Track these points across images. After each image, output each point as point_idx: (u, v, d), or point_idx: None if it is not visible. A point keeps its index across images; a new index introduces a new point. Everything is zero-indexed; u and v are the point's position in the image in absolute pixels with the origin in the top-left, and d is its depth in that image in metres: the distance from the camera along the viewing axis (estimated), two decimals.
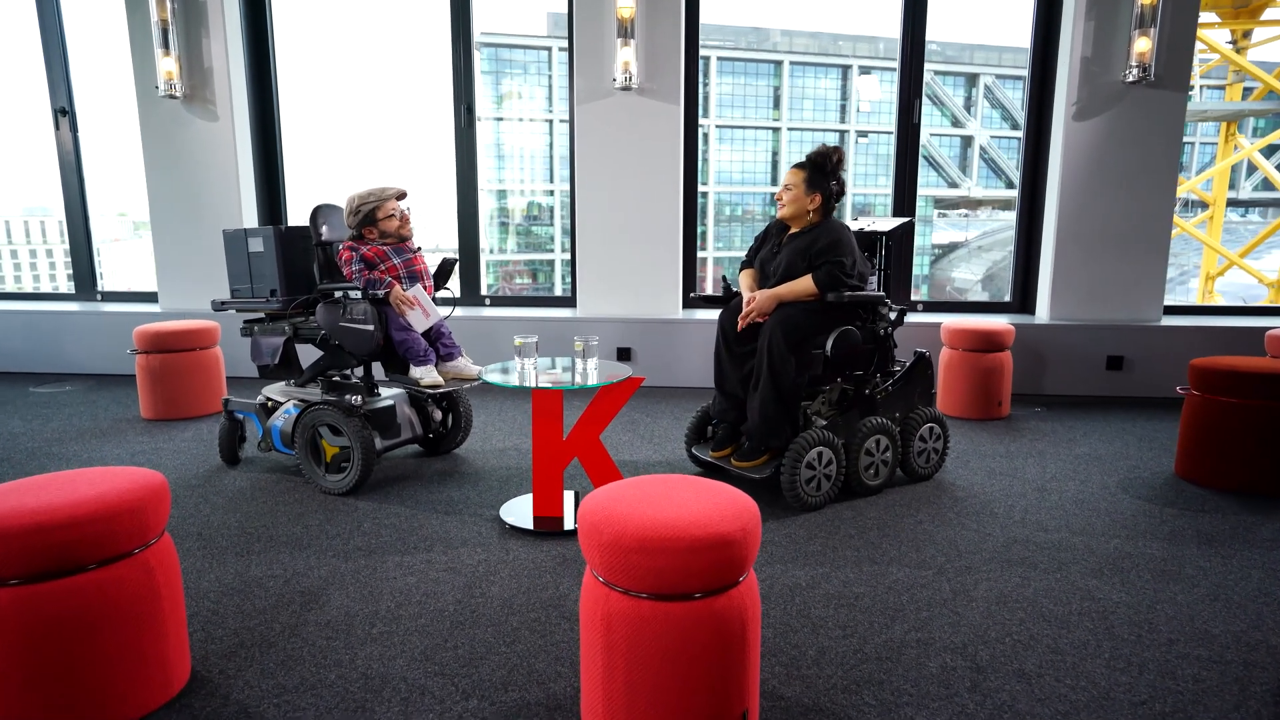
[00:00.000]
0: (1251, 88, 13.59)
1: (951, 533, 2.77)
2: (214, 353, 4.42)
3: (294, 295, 3.32)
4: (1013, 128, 24.75)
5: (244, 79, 5.34)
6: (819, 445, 2.95)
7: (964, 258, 23.97)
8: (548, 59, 23.50)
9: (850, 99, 23.21)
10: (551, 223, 22.15)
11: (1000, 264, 20.41)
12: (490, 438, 3.96)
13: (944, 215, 24.66)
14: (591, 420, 2.82)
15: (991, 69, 25.20)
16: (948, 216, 24.76)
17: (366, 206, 3.20)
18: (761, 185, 25.52)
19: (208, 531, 2.79)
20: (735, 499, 1.65)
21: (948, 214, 24.67)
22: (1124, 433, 4.04)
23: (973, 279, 23.65)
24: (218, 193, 5.29)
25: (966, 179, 24.94)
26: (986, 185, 25.05)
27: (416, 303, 3.17)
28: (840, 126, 25.82)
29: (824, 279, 2.98)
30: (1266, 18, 12.79)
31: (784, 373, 2.96)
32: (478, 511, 2.98)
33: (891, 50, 14.81)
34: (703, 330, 5.04)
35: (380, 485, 3.26)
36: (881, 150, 25.02)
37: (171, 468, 3.49)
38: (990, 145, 24.79)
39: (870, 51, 25.33)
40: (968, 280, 23.82)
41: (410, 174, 17.74)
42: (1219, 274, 13.23)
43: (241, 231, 3.34)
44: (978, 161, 25.33)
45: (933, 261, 22.59)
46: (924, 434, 3.27)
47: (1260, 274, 12.63)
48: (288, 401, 3.32)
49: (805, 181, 3.09)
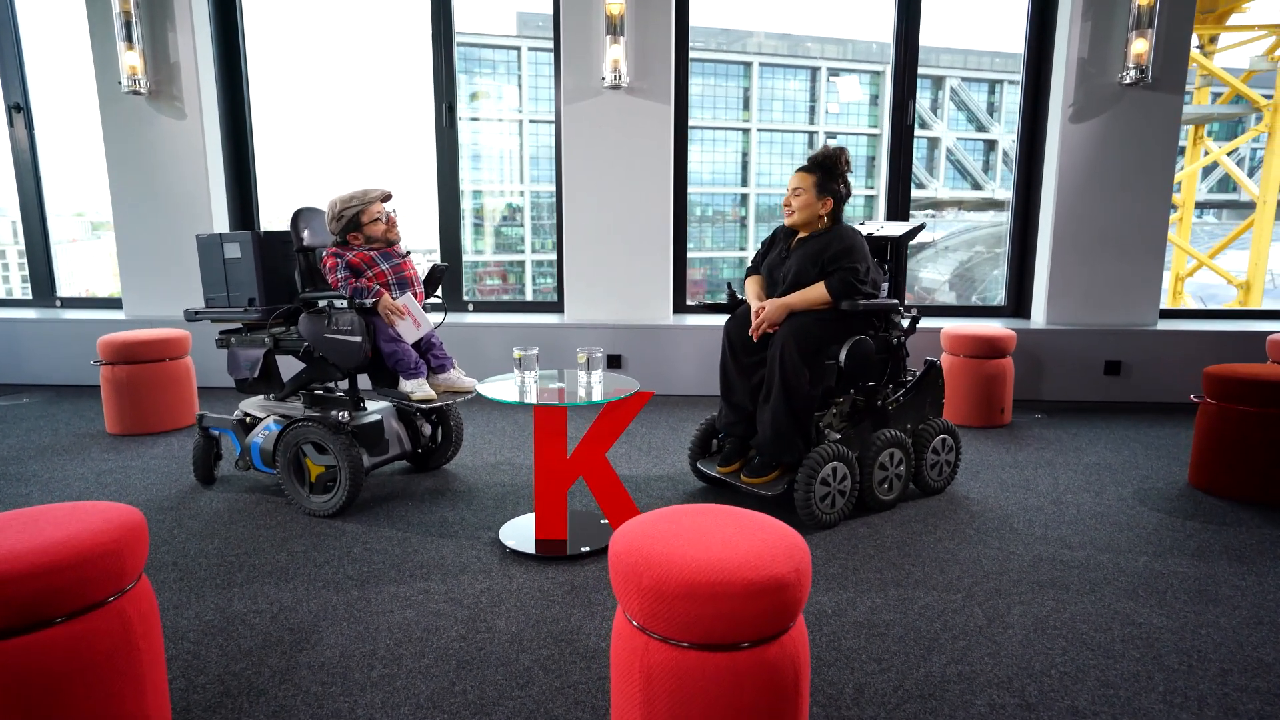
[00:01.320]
0: (1219, 92, 13.80)
1: (974, 551, 2.65)
2: (184, 363, 4.18)
3: (274, 304, 3.12)
4: (978, 130, 25.07)
5: (213, 75, 5.10)
6: (834, 460, 2.82)
7: (931, 258, 24.27)
8: (517, 59, 23.26)
9: (820, 101, 23.26)
10: (521, 224, 21.90)
11: (967, 264, 20.67)
12: (480, 452, 3.78)
13: (911, 215, 25.00)
14: (597, 437, 2.67)
15: (957, 71, 25.53)
16: (914, 217, 25.12)
17: (350, 210, 3.01)
18: (731, 186, 25.52)
19: (184, 561, 2.58)
20: (783, 535, 1.51)
21: (915, 214, 25.02)
22: (1129, 440, 3.98)
23: (940, 279, 24.00)
24: (186, 194, 5.04)
25: (933, 180, 25.21)
26: (953, 186, 25.37)
27: (406, 312, 2.99)
28: (809, 128, 25.96)
29: (837, 286, 2.86)
30: (1232, 23, 12.98)
31: (797, 384, 2.83)
32: (475, 534, 2.81)
33: (860, 52, 14.51)
34: (695, 337, 4.91)
35: (368, 506, 3.07)
36: (852, 152, 25.36)
37: (141, 488, 3.26)
38: (956, 147, 25.10)
39: (839, 53, 25.46)
40: (935, 280, 24.17)
41: (388, 175, 17.38)
42: (1188, 275, 13.41)
43: (216, 236, 3.14)
44: (944, 163, 25.64)
45: None
46: (936, 446, 3.16)
47: (1229, 275, 12.82)
48: (268, 417, 3.12)
49: (816, 186, 2.96)
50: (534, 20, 17.85)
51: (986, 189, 21.70)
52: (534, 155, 17.31)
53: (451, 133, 5.19)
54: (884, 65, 20.64)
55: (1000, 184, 20.67)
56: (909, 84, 5.01)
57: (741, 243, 20.47)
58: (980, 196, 22.40)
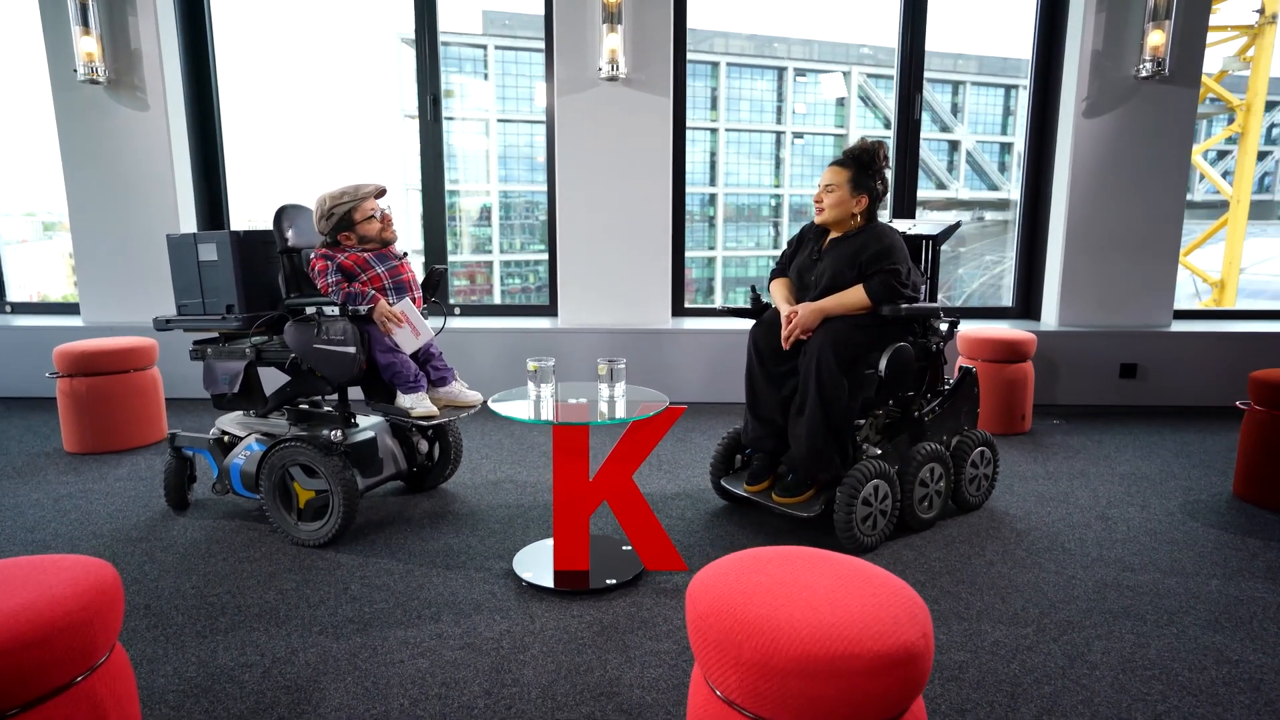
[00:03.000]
0: None
1: (1032, 576, 2.45)
2: (151, 374, 3.85)
3: (255, 312, 2.81)
4: (942, 130, 25.32)
5: (178, 63, 4.74)
6: (875, 478, 2.60)
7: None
8: (484, 58, 22.92)
9: (787, 101, 23.25)
10: (489, 224, 21.54)
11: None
12: (479, 468, 3.51)
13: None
14: (622, 457, 2.42)
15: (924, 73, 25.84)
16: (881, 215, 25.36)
17: (341, 208, 2.72)
18: (700, 186, 25.44)
19: (158, 604, 2.28)
20: (896, 589, 1.28)
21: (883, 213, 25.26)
22: (1157, 447, 3.82)
23: None
24: (150, 191, 4.68)
25: None
26: (920, 187, 25.69)
27: (405, 319, 2.71)
28: (777, 128, 26.01)
29: (878, 290, 2.64)
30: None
31: (835, 396, 2.60)
32: (484, 564, 2.54)
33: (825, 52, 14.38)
34: (696, 341, 4.67)
35: (362, 533, 2.79)
36: (817, 152, 25.31)
37: (105, 515, 2.94)
38: (922, 147, 25.39)
39: (805, 54, 25.52)
40: None
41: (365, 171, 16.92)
42: None
43: (189, 236, 2.83)
44: None
45: None
46: (975, 459, 2.96)
47: (1204, 273, 12.92)
48: (249, 436, 2.82)
49: (850, 181, 2.74)
50: (500, 19, 17.52)
51: (951, 189, 21.83)
52: (501, 155, 16.98)
53: (436, 127, 4.89)
54: (849, 66, 20.62)
55: (964, 184, 20.80)
56: (915, 77, 4.83)
57: (710, 242, 20.34)
58: (945, 197, 22.52)
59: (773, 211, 21.10)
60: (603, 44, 4.40)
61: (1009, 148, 18.84)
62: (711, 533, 2.79)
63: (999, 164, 19.27)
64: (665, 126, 4.58)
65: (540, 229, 18.24)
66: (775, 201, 21.47)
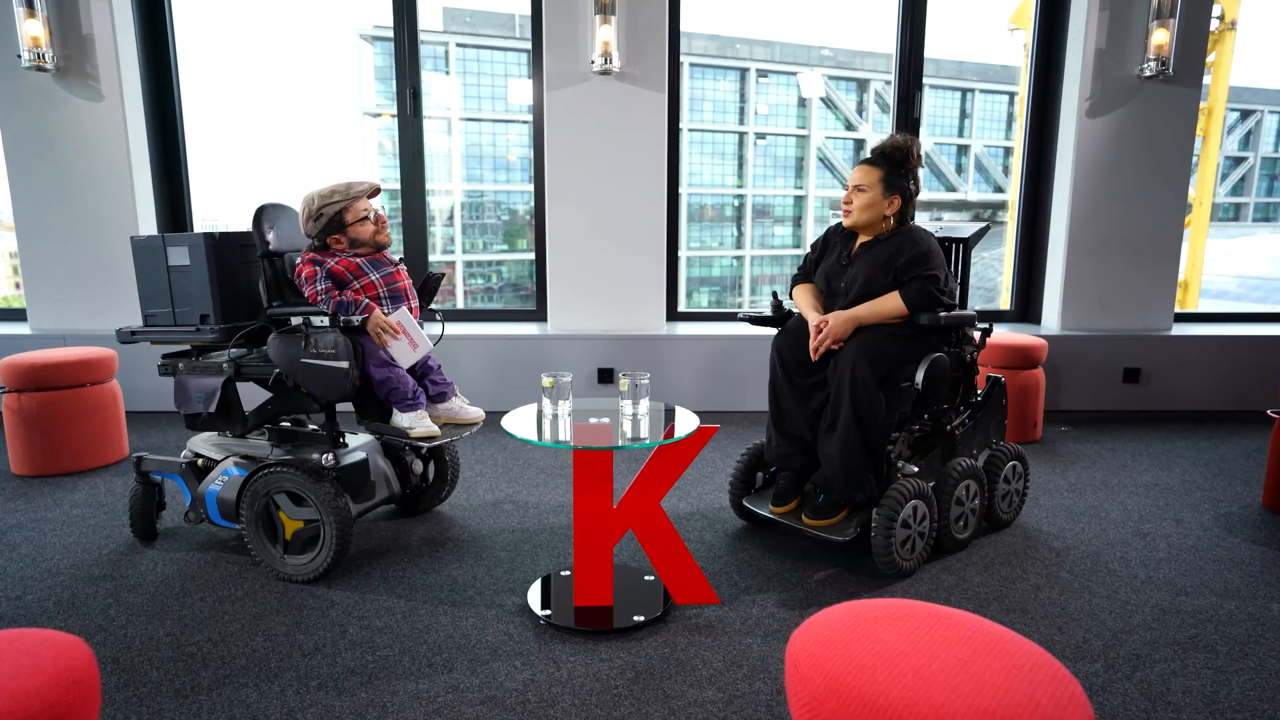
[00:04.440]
0: None
1: (1083, 602, 2.30)
2: (110, 388, 3.53)
3: (234, 322, 2.55)
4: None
5: (135, 50, 4.41)
6: (914, 498, 2.43)
7: None
8: (445, 56, 22.52)
9: (749, 101, 23.29)
10: (451, 224, 21.17)
11: None
12: (474, 488, 3.27)
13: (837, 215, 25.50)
14: (650, 482, 2.21)
15: (881, 75, 26.07)
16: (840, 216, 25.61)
17: (331, 208, 2.47)
18: None
19: (128, 656, 2.02)
20: (1035, 658, 1.09)
21: (839, 213, 25.52)
22: (1173, 455, 3.73)
23: None
24: (105, 188, 4.34)
25: None
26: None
27: (402, 330, 2.47)
28: (740, 128, 26.11)
29: (916, 297, 2.47)
30: None
31: (871, 411, 2.43)
32: (495, 600, 2.32)
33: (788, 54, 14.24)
34: (692, 348, 4.48)
35: (354, 564, 2.54)
36: (779, 153, 25.51)
37: (62, 549, 2.65)
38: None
39: (767, 55, 25.63)
40: None
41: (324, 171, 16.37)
42: None
43: (158, 239, 2.55)
44: None
45: None
46: (1008, 474, 2.82)
47: None
48: (226, 459, 2.55)
49: (881, 181, 2.57)
50: (461, 16, 17.19)
51: (960, 191, 22.04)
52: (464, 154, 16.64)
53: (415, 122, 4.63)
54: (810, 67, 20.61)
55: (924, 184, 20.98)
56: (915, 75, 4.70)
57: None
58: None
59: (735, 212, 21.10)
60: (595, 36, 4.19)
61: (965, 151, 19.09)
62: (736, 558, 2.60)
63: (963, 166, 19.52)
64: (660, 123, 4.38)
65: (502, 229, 17.93)
66: (739, 202, 21.49)
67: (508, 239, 17.98)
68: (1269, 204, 21.09)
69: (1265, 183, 20.82)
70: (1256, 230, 19.77)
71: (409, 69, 4.57)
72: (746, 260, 21.87)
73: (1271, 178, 20.92)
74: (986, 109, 19.38)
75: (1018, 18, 12.52)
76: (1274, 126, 20.61)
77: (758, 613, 2.23)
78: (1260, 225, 20.61)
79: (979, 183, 19.24)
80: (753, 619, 2.20)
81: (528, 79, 4.54)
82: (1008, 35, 12.98)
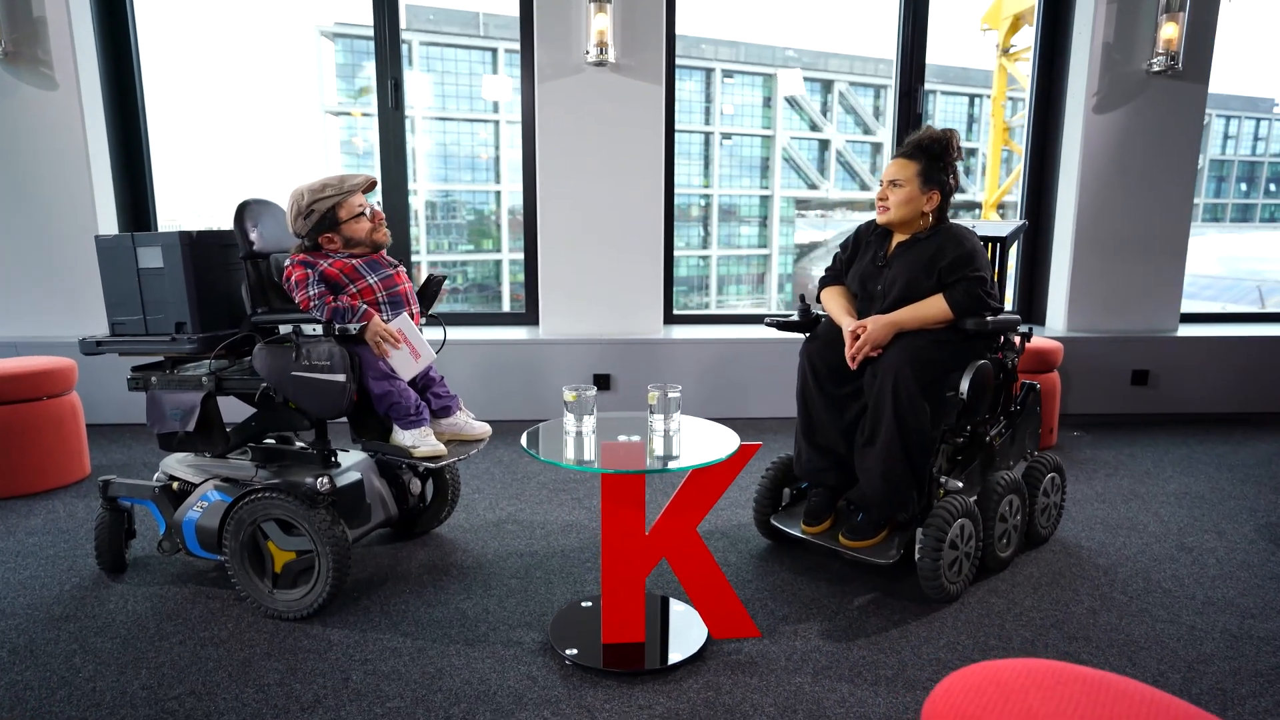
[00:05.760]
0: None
1: (1147, 628, 2.15)
2: (69, 401, 3.23)
3: (213, 331, 2.29)
4: (865, 132, 25.83)
5: (91, 35, 4.09)
6: (962, 516, 2.26)
7: (822, 256, 24.77)
8: (408, 53, 22.16)
9: (715, 102, 23.27)
10: (415, 223, 20.78)
11: None
12: (473, 506, 3.04)
13: (803, 215, 25.47)
14: (686, 507, 2.01)
15: (845, 76, 26.23)
16: (806, 217, 25.60)
17: (323, 204, 2.23)
18: None
19: (96, 715, 1.76)
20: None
21: (806, 214, 25.50)
22: (1195, 461, 3.62)
23: None
24: (60, 183, 4.02)
25: (825, 181, 25.78)
26: (843, 187, 26.06)
27: (403, 339, 2.24)
28: (705, 128, 26.12)
29: (962, 300, 2.30)
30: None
31: (916, 424, 2.25)
32: (510, 635, 2.10)
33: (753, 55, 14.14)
34: (691, 352, 4.29)
35: (351, 598, 2.30)
36: (744, 153, 25.56)
37: (17, 585, 2.37)
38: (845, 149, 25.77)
39: (732, 55, 25.65)
40: None
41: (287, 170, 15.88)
42: None
43: (127, 238, 2.28)
44: (834, 164, 26.31)
45: (795, 260, 23.09)
46: (1047, 486, 2.66)
47: None
48: (206, 482, 2.29)
49: (919, 176, 2.39)
50: (424, 14, 16.89)
51: (874, 190, 22.19)
52: (429, 153, 16.33)
53: (398, 115, 4.37)
54: (775, 68, 20.61)
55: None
56: (917, 69, 4.55)
57: None
58: (868, 197, 22.94)
59: (702, 212, 21.10)
60: (590, 25, 3.97)
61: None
62: (767, 582, 2.41)
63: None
64: (657, 116, 4.18)
65: (468, 229, 17.61)
66: (705, 201, 21.52)
67: (473, 239, 17.68)
68: (1216, 205, 21.59)
69: (1213, 184, 21.32)
70: (1205, 230, 20.24)
71: (390, 60, 4.31)
72: (713, 260, 21.84)
73: (1219, 179, 21.43)
74: (948, 110, 19.49)
75: (990, 17, 12.53)
76: (1221, 129, 21.09)
77: (802, 646, 2.04)
78: (1209, 225, 21.10)
79: None
80: (798, 654, 2.01)
81: (498, 74, 4.32)
82: (980, 35, 13.01)
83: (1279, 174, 22.07)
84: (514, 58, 4.35)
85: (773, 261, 23.58)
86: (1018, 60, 12.70)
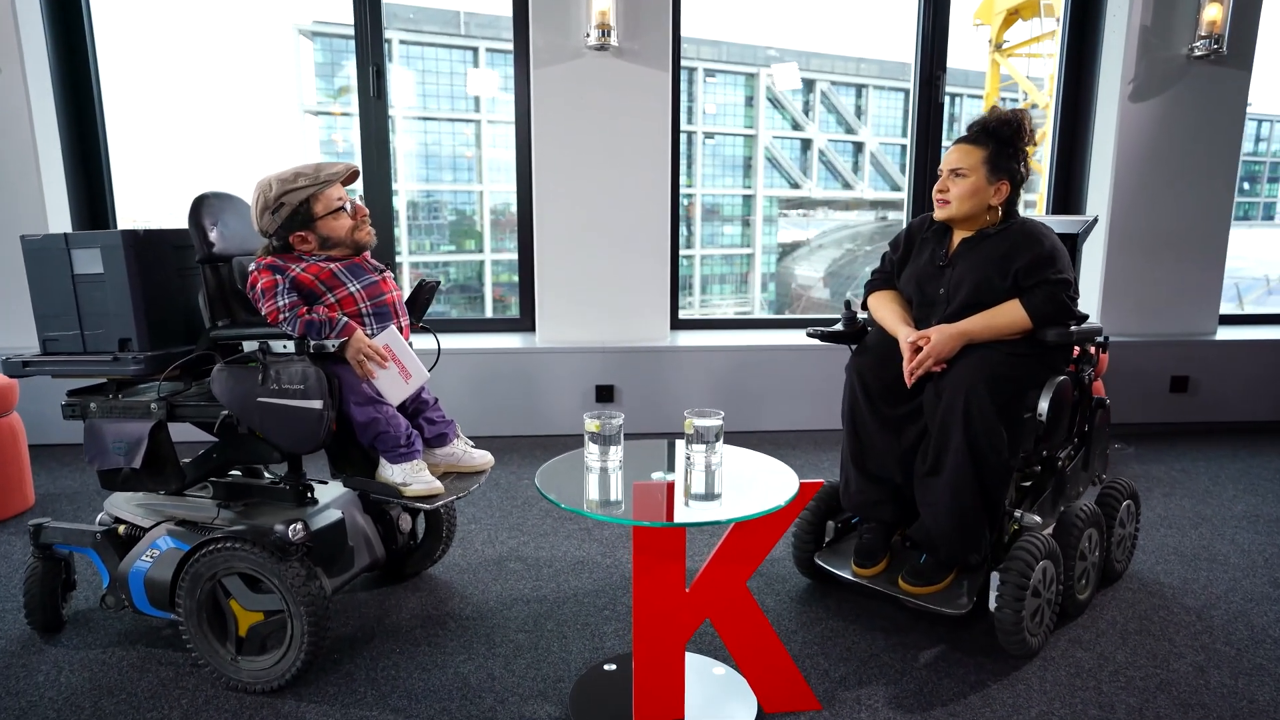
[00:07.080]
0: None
1: (1270, 692, 1.84)
2: (8, 424, 2.85)
3: (165, 348, 1.93)
4: (847, 132, 25.82)
5: (39, 17, 3.70)
6: (1044, 559, 1.95)
7: (805, 256, 24.62)
8: (388, 51, 21.84)
9: (697, 101, 23.09)
10: (396, 224, 20.42)
11: (840, 261, 20.92)
12: (470, 539, 2.69)
13: (785, 215, 25.37)
14: (733, 558, 1.68)
15: (826, 75, 26.16)
16: (788, 216, 25.50)
17: (295, 195, 1.88)
18: None
19: None
20: None
21: (789, 214, 25.40)
22: (1254, 477, 3.34)
23: (814, 276, 24.43)
24: (3, 179, 3.63)
25: (807, 180, 25.71)
26: (825, 186, 26.01)
27: (391, 357, 1.89)
28: (688, 127, 25.98)
29: (1045, 307, 1.99)
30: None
31: (991, 450, 1.93)
32: (521, 709, 1.76)
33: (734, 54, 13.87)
34: (701, 361, 3.96)
35: (329, 659, 1.95)
36: (727, 152, 25.47)
37: None
38: (828, 148, 25.72)
39: (714, 55, 25.50)
40: (810, 277, 24.61)
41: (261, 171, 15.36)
42: None
43: (59, 238, 1.92)
44: (817, 163, 26.28)
45: (779, 259, 22.97)
46: (1123, 516, 2.36)
47: None
48: (157, 526, 1.93)
49: (986, 163, 2.08)
50: (403, 12, 16.44)
51: (856, 189, 22.30)
52: (410, 152, 15.95)
53: (381, 105, 4.00)
54: (756, 68, 20.46)
55: (869, 184, 21.31)
56: (938, 56, 4.25)
57: None
58: (851, 196, 22.94)
59: (684, 211, 20.92)
60: (591, 6, 3.64)
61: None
62: (815, 633, 2.08)
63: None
64: (664, 105, 3.85)
65: (449, 229, 17.23)
66: (687, 200, 21.34)
67: (455, 240, 17.33)
68: None
69: None
70: None
71: (371, 47, 3.95)
72: (696, 260, 21.65)
73: None
74: None
75: (982, 13, 12.29)
76: None
77: (869, 719, 1.72)
78: None
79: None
80: None
81: (482, 68, 3.97)
82: (966, 35, 12.79)
83: (1252, 172, 22.12)
84: (495, 57, 4.02)
85: (756, 261, 23.41)
86: (1011, 56, 12.46)
